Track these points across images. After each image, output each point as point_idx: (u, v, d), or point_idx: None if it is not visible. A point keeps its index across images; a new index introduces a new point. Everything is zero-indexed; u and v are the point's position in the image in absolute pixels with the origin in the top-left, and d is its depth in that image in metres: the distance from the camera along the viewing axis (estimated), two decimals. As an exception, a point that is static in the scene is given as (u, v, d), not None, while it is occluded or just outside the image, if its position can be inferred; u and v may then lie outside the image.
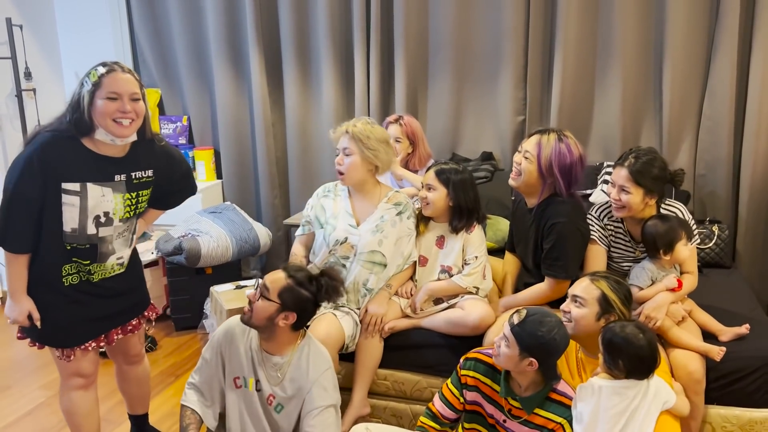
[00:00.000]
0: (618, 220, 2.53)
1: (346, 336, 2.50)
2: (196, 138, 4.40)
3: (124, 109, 2.03)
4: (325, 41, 3.91)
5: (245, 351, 2.17)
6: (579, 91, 3.62)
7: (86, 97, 2.02)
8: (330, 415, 2.12)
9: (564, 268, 2.46)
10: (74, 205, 2.08)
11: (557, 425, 1.97)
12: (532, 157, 2.49)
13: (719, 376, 2.32)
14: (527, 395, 1.99)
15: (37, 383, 3.27)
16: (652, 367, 1.91)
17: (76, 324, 2.22)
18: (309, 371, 2.12)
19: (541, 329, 1.90)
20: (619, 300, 2.05)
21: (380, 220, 2.61)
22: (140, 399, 2.63)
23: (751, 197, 3.38)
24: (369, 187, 2.65)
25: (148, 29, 4.29)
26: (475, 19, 3.72)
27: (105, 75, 2.03)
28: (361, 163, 2.56)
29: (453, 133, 3.90)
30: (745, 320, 2.50)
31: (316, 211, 2.69)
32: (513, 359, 1.94)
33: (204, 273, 3.79)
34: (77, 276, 2.18)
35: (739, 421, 2.33)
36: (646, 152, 2.40)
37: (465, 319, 2.49)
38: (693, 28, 3.37)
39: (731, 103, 3.34)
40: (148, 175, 2.24)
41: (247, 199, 4.36)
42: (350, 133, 2.55)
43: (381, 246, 2.59)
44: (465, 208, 2.59)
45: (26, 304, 2.13)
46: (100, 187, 2.11)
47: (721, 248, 3.20)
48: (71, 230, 2.10)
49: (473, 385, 2.10)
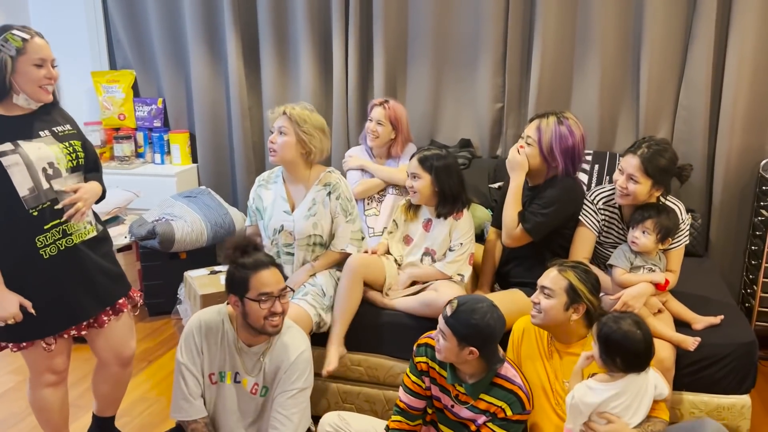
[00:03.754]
0: (615, 206, 2.51)
1: (312, 317, 2.52)
2: (172, 121, 4.33)
3: (51, 75, 2.05)
4: (303, 24, 3.86)
5: (224, 345, 2.15)
6: (557, 79, 3.62)
7: (9, 63, 1.99)
8: (304, 399, 2.12)
9: (532, 223, 2.47)
10: (18, 164, 2.01)
11: (498, 408, 1.98)
12: (534, 142, 2.49)
13: (689, 363, 2.35)
14: (472, 382, 2.00)
15: (7, 368, 3.22)
16: (648, 360, 1.92)
17: (58, 307, 2.12)
18: (288, 352, 2.12)
19: (474, 317, 1.91)
20: (587, 289, 2.05)
21: (312, 203, 2.63)
22: (113, 401, 2.49)
23: (725, 187, 3.41)
24: (301, 171, 2.67)
25: (123, 9, 4.19)
26: (454, 5, 3.70)
27: (28, 41, 2.01)
28: (294, 144, 2.59)
29: (431, 119, 3.88)
30: (717, 307, 2.54)
31: (255, 203, 2.75)
32: (453, 351, 1.94)
33: (178, 258, 3.75)
34: (54, 246, 2.08)
35: (707, 407, 2.36)
36: (658, 143, 2.37)
37: (438, 300, 2.48)
38: (671, 17, 3.38)
39: (707, 93, 3.35)
40: (68, 129, 2.19)
41: (222, 183, 4.31)
42: (288, 114, 2.59)
43: (316, 229, 2.63)
44: (449, 194, 2.60)
45: (11, 297, 2.04)
46: (31, 142, 2.06)
47: (694, 237, 3.23)
48: (29, 191, 2.02)
49: (426, 371, 2.11)
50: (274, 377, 2.13)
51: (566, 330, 2.10)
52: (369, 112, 3.25)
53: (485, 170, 3.59)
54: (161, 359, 3.33)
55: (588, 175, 3.33)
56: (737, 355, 2.34)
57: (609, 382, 1.91)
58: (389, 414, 2.58)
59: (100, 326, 2.26)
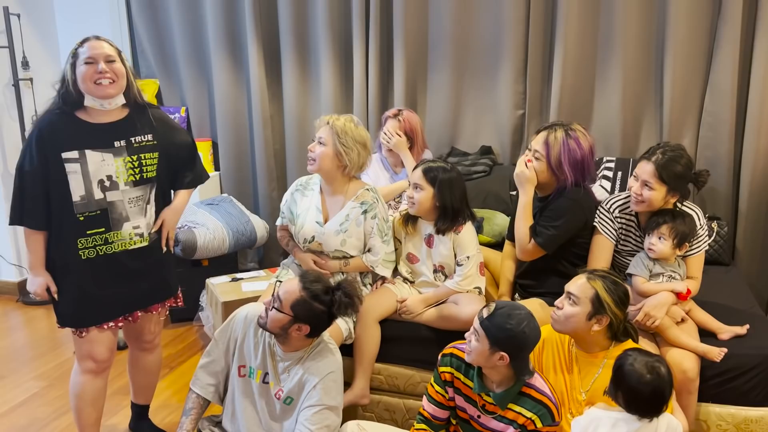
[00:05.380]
0: (632, 213, 2.48)
1: (342, 330, 2.51)
2: (194, 129, 4.38)
3: (101, 70, 2.15)
4: (324, 33, 3.88)
5: (259, 343, 2.19)
6: (579, 85, 3.59)
7: (69, 70, 2.17)
8: (329, 416, 2.11)
9: (547, 236, 2.45)
10: (77, 172, 2.19)
11: (528, 420, 1.95)
12: (542, 157, 2.47)
13: (715, 374, 2.29)
14: (500, 391, 1.97)
15: (32, 374, 3.26)
16: (650, 410, 1.83)
17: (91, 303, 2.28)
18: (319, 368, 2.12)
19: (510, 322, 1.89)
20: (613, 302, 2.00)
21: (345, 219, 2.61)
22: (145, 389, 2.66)
23: (751, 194, 3.35)
24: (338, 183, 2.65)
25: (147, 19, 4.26)
26: (475, 12, 3.69)
27: (80, 46, 2.18)
28: (331, 156, 2.57)
29: (452, 126, 3.87)
30: (743, 317, 2.48)
31: (289, 205, 2.74)
32: (483, 354, 1.92)
33: (200, 265, 3.78)
34: (93, 251, 2.25)
35: (734, 419, 2.31)
36: (673, 148, 2.34)
37: (458, 314, 2.47)
38: (695, 22, 3.33)
39: (733, 99, 3.30)
40: (148, 139, 2.32)
41: (244, 191, 4.34)
42: (330, 124, 2.58)
43: (344, 246, 2.61)
44: (450, 209, 2.53)
45: (43, 277, 2.25)
46: (100, 153, 2.22)
47: (720, 245, 3.17)
48: (80, 198, 2.20)
49: (450, 381, 2.09)
50: (301, 390, 2.13)
51: (587, 339, 2.06)
52: (383, 124, 3.24)
53: (506, 178, 3.56)
54: (183, 366, 3.35)
55: (611, 182, 3.29)
56: (765, 366, 2.28)
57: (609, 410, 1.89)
58: (409, 423, 2.57)
59: (134, 321, 2.44)
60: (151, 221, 2.37)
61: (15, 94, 4.03)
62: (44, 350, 3.50)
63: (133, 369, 2.63)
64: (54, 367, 3.32)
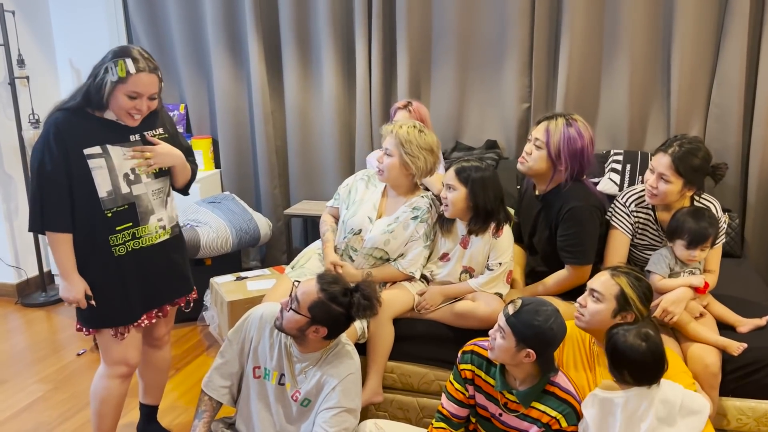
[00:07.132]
0: (649, 207, 2.44)
1: (357, 329, 2.47)
2: (194, 127, 4.31)
3: (140, 108, 2.14)
4: (325, 27, 3.83)
5: (275, 344, 2.15)
6: (585, 78, 3.56)
7: (108, 86, 2.10)
8: (347, 419, 2.07)
9: (584, 254, 2.43)
10: (102, 167, 2.15)
11: (553, 420, 1.91)
12: (542, 144, 2.44)
13: (735, 368, 2.27)
14: (523, 389, 1.94)
15: (34, 377, 3.20)
16: (658, 374, 1.83)
17: (128, 300, 2.25)
18: (338, 370, 2.09)
19: (538, 318, 1.85)
20: (638, 298, 1.97)
21: (395, 220, 2.58)
22: (154, 388, 2.62)
23: (760, 186, 3.33)
24: (403, 190, 2.63)
25: (144, 15, 4.19)
26: (479, 5, 3.65)
27: (132, 75, 2.09)
28: (399, 166, 2.55)
29: (457, 121, 3.83)
30: (760, 309, 2.47)
31: (349, 189, 2.73)
32: (509, 351, 1.88)
33: (203, 264, 3.73)
34: (124, 247, 2.21)
35: (755, 413, 2.29)
36: (690, 141, 2.31)
37: (475, 311, 2.43)
38: (702, 13, 3.31)
39: (740, 91, 3.28)
40: (159, 133, 2.31)
41: (246, 188, 4.29)
42: (394, 133, 2.54)
43: (387, 245, 2.57)
44: (483, 209, 2.45)
45: (80, 283, 2.18)
46: (120, 147, 2.19)
47: (731, 237, 3.16)
48: (107, 193, 2.16)
49: (471, 379, 2.06)
50: (319, 392, 2.10)
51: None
52: (392, 116, 3.20)
53: (513, 171, 3.52)
54: (189, 366, 3.30)
55: (620, 176, 3.26)
56: (785, 359, 2.26)
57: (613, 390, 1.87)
58: (423, 422, 2.54)
59: (164, 316, 2.42)
60: (172, 213, 2.37)
61: (11, 92, 3.95)
62: (46, 353, 3.45)
63: (143, 367, 2.58)
64: (57, 371, 3.26)
